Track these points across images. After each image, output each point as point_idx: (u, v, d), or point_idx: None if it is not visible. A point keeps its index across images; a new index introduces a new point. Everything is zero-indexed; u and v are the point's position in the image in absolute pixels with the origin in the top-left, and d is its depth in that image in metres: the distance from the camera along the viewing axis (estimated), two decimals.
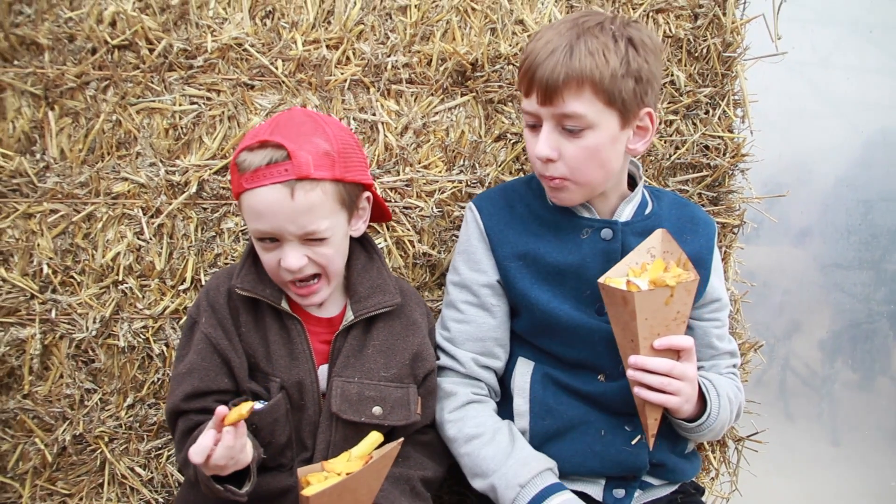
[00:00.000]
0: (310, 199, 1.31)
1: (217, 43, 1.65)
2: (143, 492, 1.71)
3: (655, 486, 1.55)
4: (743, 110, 1.89)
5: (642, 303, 1.30)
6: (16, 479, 1.69)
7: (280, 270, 1.37)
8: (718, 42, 1.83)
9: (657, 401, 1.36)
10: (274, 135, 1.31)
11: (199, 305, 1.45)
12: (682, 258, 1.39)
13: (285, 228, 1.32)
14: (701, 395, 1.45)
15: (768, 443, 1.98)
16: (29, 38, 1.61)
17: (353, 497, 1.24)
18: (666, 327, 1.34)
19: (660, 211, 1.57)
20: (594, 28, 1.35)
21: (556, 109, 1.36)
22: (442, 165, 1.76)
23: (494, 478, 1.42)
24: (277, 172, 1.29)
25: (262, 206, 1.31)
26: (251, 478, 1.30)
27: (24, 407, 1.67)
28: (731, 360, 1.64)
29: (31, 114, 1.63)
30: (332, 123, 1.41)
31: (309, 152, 1.31)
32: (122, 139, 1.66)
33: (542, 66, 1.35)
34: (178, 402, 1.39)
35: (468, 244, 1.56)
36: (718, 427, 1.49)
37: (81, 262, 1.66)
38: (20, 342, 1.65)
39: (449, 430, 1.51)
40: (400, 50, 1.72)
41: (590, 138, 1.38)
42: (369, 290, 1.49)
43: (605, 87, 1.34)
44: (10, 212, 1.64)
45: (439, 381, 1.56)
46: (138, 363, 1.69)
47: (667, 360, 1.35)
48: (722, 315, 1.62)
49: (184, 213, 1.68)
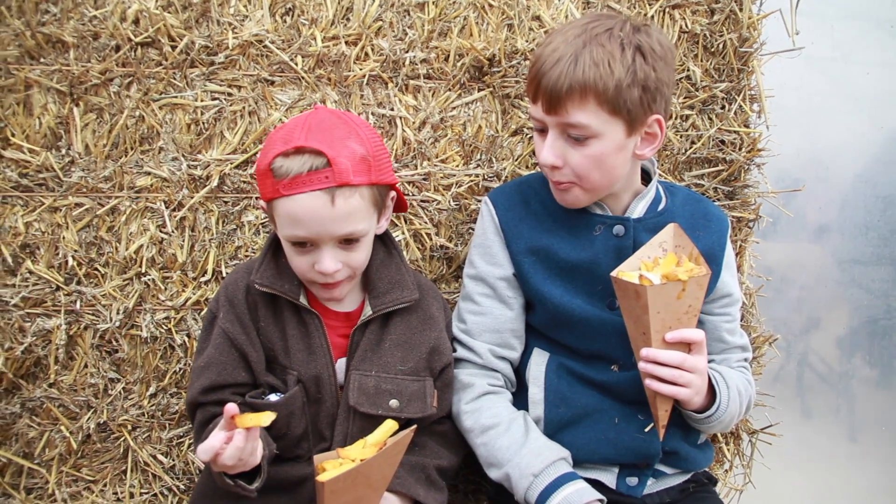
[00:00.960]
0: (350, 205, 1.32)
1: (238, 40, 1.68)
2: (164, 479, 1.75)
3: (668, 474, 1.57)
4: (759, 105, 1.90)
5: (655, 296, 1.31)
6: (42, 466, 1.74)
7: (311, 272, 1.38)
8: (735, 37, 1.84)
9: (668, 392, 1.38)
10: (310, 140, 1.31)
11: (218, 300, 1.47)
12: (694, 253, 1.40)
13: (324, 233, 1.33)
14: (711, 387, 1.47)
15: (782, 436, 1.99)
16: (55, 37, 1.65)
17: (366, 482, 1.26)
18: (678, 321, 1.36)
19: (673, 207, 1.58)
20: (602, 35, 1.35)
21: (561, 119, 1.37)
22: (459, 160, 1.78)
23: (509, 467, 1.44)
24: (318, 180, 1.29)
25: (302, 213, 1.31)
26: (262, 474, 1.33)
27: (49, 395, 1.72)
28: (743, 354, 1.65)
29: (56, 110, 1.67)
30: (362, 125, 1.42)
31: (347, 158, 1.31)
32: (146, 134, 1.70)
33: (547, 76, 1.35)
34: (197, 395, 1.42)
35: (484, 238, 1.58)
36: (727, 419, 1.50)
37: (105, 255, 1.70)
38: (46, 332, 1.69)
39: (465, 420, 1.54)
40: (418, 46, 1.74)
41: (595, 147, 1.39)
42: (388, 285, 1.50)
43: (609, 98, 1.33)
44: (36, 205, 1.68)
45: (456, 372, 1.58)
46: (160, 353, 1.73)
47: (678, 353, 1.37)
48: (732, 310, 1.63)
49: (205, 207, 1.71)
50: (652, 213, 1.54)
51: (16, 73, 1.65)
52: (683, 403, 1.44)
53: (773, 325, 2.12)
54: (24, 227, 1.67)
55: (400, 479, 1.45)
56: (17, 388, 1.72)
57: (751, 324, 1.97)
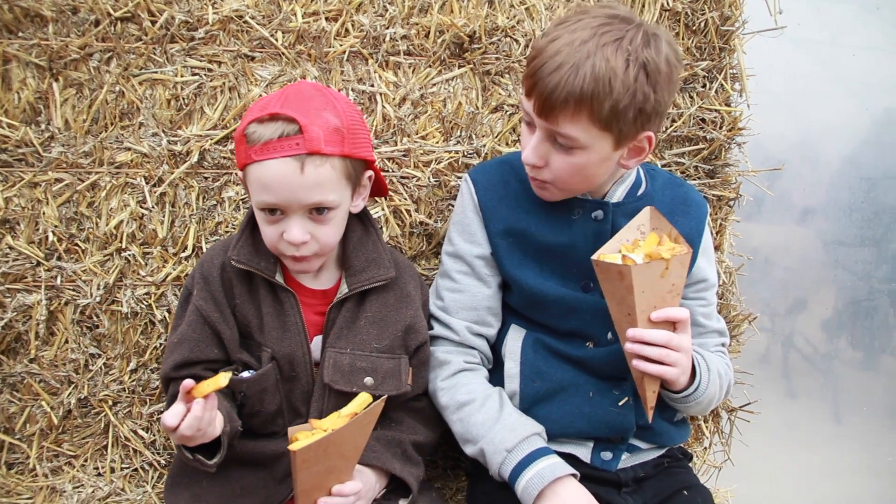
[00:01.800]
0: (319, 173, 1.32)
1: (218, 15, 1.67)
2: (145, 454, 1.76)
3: (643, 449, 1.58)
4: (741, 84, 1.90)
5: (639, 276, 1.31)
6: (23, 441, 1.75)
7: (280, 243, 1.39)
8: (716, 16, 1.84)
9: (656, 372, 1.37)
10: (285, 108, 1.31)
11: (194, 277, 1.48)
12: (673, 233, 1.40)
13: (293, 201, 1.33)
14: (693, 367, 1.47)
15: (760, 413, 2.00)
16: (33, 10, 1.64)
17: (339, 452, 1.28)
18: (662, 300, 1.36)
19: (653, 191, 1.58)
20: (609, 46, 1.28)
21: (550, 126, 1.34)
22: (439, 136, 1.78)
23: (483, 443, 1.45)
24: (289, 146, 1.30)
25: (271, 179, 1.31)
26: (222, 449, 1.33)
27: (30, 371, 1.72)
28: (720, 338, 1.66)
29: (35, 85, 1.67)
30: (341, 99, 1.42)
31: (320, 127, 1.31)
32: (125, 110, 1.69)
33: (545, 80, 1.30)
34: (169, 371, 1.44)
35: (463, 216, 1.59)
36: (706, 401, 1.51)
37: (86, 230, 1.70)
38: (27, 308, 1.70)
39: (441, 397, 1.54)
40: (398, 22, 1.74)
41: (579, 157, 1.37)
42: (364, 263, 1.51)
43: (603, 116, 1.30)
44: (15, 181, 1.68)
45: (432, 349, 1.58)
46: (141, 329, 1.73)
47: (665, 332, 1.37)
48: (708, 295, 1.63)
49: (185, 182, 1.71)
50: (631, 198, 1.54)
51: None
52: (670, 383, 1.44)
53: (758, 305, 2.14)
54: (3, 203, 1.67)
55: (376, 453, 1.46)
56: None
57: (730, 302, 1.98)
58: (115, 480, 1.73)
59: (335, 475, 1.32)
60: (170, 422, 1.20)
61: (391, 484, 1.50)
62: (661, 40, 1.33)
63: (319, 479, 1.30)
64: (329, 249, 1.43)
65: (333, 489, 1.33)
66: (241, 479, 1.46)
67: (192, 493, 1.45)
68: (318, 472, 1.28)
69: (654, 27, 1.36)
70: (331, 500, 1.32)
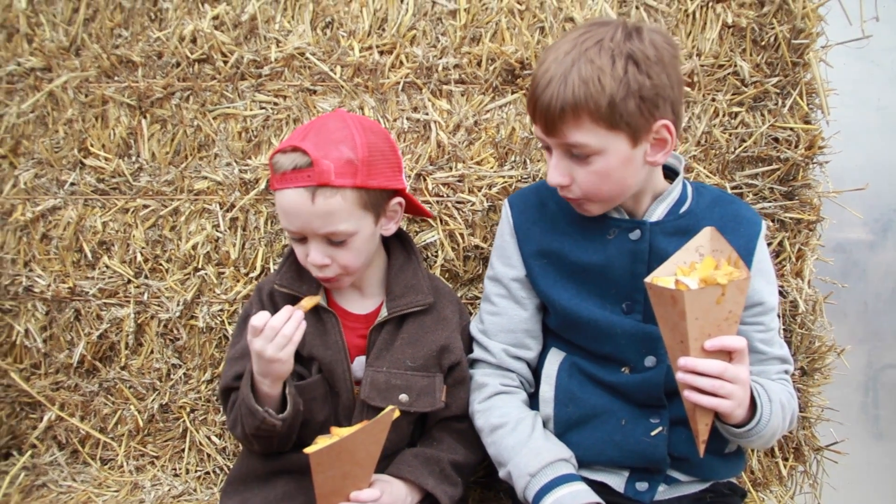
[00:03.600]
0: (329, 204, 1.41)
1: (282, 52, 1.81)
2: (217, 459, 1.91)
3: (683, 482, 1.51)
4: (820, 100, 1.79)
5: (692, 302, 1.24)
6: (114, 440, 1.95)
7: (307, 263, 1.49)
8: (786, 29, 1.75)
9: (709, 405, 1.29)
10: (304, 141, 1.41)
11: (252, 301, 1.61)
12: (733, 256, 1.32)
13: (307, 229, 1.43)
14: (752, 399, 1.38)
15: (848, 454, 1.86)
16: (126, 57, 1.86)
17: (351, 459, 1.34)
18: (717, 327, 1.28)
19: (698, 209, 1.51)
20: (591, 50, 1.30)
21: (560, 140, 1.35)
22: (493, 161, 1.82)
23: (511, 465, 1.46)
24: (300, 178, 1.39)
25: (288, 207, 1.42)
26: (289, 406, 1.45)
27: (121, 377, 1.93)
28: (782, 366, 1.55)
29: (127, 122, 1.88)
30: (366, 130, 1.48)
31: (332, 160, 1.40)
32: (202, 142, 1.87)
33: (541, 99, 1.33)
34: (230, 381, 1.55)
35: (501, 239, 1.61)
36: (769, 434, 1.41)
37: (168, 251, 1.88)
38: (119, 321, 1.90)
39: (478, 420, 1.57)
40: (450, 52, 1.80)
41: (599, 163, 1.36)
42: (403, 289, 1.58)
43: (603, 115, 1.30)
44: (111, 207, 1.89)
45: (472, 372, 1.62)
46: (216, 342, 1.89)
47: (719, 362, 1.29)
48: (765, 319, 1.53)
49: (255, 208, 1.85)
50: (672, 216, 1.49)
51: (94, 91, 1.88)
52: (725, 416, 1.35)
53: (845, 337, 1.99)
54: (101, 227, 1.89)
55: (411, 467, 1.52)
56: (95, 369, 1.94)
57: (813, 333, 1.85)
58: (189, 481, 1.89)
59: (351, 481, 1.38)
60: (255, 321, 1.36)
61: (425, 501, 1.53)
62: (643, 30, 1.33)
63: (336, 484, 1.37)
64: (354, 271, 1.51)
65: (351, 496, 1.39)
66: (285, 485, 1.55)
67: (241, 497, 1.56)
68: (333, 476, 1.35)
69: (636, 22, 1.37)
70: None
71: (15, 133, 1.93)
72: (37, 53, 1.91)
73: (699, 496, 1.52)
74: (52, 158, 1.91)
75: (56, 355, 1.94)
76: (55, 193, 1.91)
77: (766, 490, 1.90)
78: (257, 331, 1.38)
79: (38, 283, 1.92)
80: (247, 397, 1.42)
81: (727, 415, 1.34)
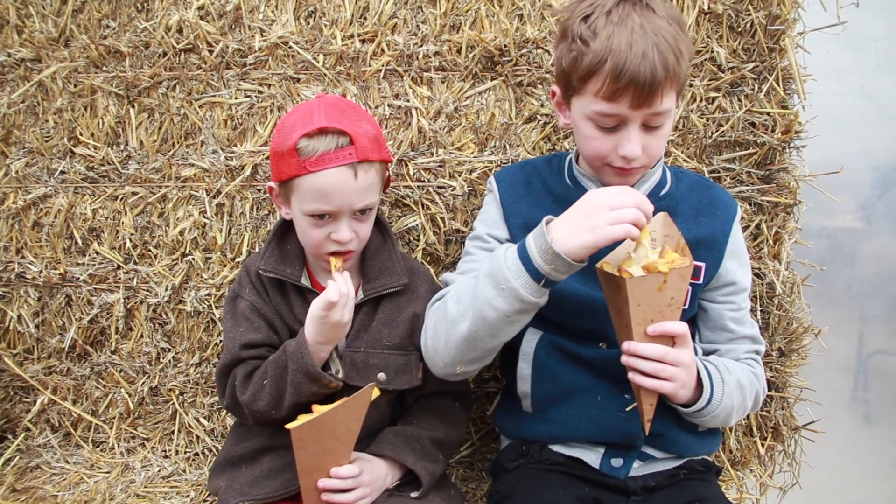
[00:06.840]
0: (368, 178, 1.50)
1: (266, 42, 1.85)
2: (206, 440, 1.95)
3: (657, 458, 1.54)
4: (797, 85, 1.82)
5: (635, 289, 1.30)
6: (106, 423, 1.99)
7: (326, 243, 1.52)
8: (762, 15, 1.78)
9: (651, 386, 1.36)
10: (330, 122, 1.47)
11: (241, 282, 1.64)
12: (681, 243, 1.37)
13: (346, 205, 1.48)
14: (699, 380, 1.43)
15: (824, 433, 1.89)
16: (113, 47, 1.90)
17: (332, 434, 1.38)
18: (660, 313, 1.34)
19: (677, 192, 1.56)
20: (655, 19, 1.36)
21: (651, 110, 1.37)
22: (474, 147, 1.85)
23: (472, 297, 1.38)
24: (343, 156, 1.46)
25: (329, 187, 1.46)
26: (340, 367, 1.54)
27: (112, 361, 1.97)
28: (752, 345, 1.59)
29: (115, 111, 1.92)
30: (363, 109, 1.60)
31: (364, 137, 1.48)
32: (189, 130, 1.91)
33: (640, 73, 1.32)
34: (238, 352, 1.55)
35: (486, 212, 1.63)
36: (723, 413, 1.46)
37: (156, 238, 1.92)
38: (109, 306, 1.94)
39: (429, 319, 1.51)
40: (430, 40, 1.83)
41: (667, 126, 1.43)
42: (378, 271, 1.63)
43: (681, 78, 1.39)
44: (100, 194, 1.93)
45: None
46: (203, 326, 1.93)
47: (660, 346, 1.35)
48: (737, 299, 1.58)
49: (241, 194, 1.89)
50: (653, 198, 1.51)
51: (83, 81, 1.92)
52: (669, 397, 1.41)
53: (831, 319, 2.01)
54: (91, 214, 1.93)
55: (392, 445, 1.56)
56: (87, 354, 1.98)
57: (791, 314, 1.88)
58: (179, 462, 1.93)
59: (332, 457, 1.42)
60: (332, 295, 1.41)
61: (406, 477, 1.57)
62: None
63: (317, 460, 1.41)
64: (365, 240, 1.58)
65: (331, 471, 1.42)
66: (270, 462, 1.59)
67: (228, 476, 1.60)
68: (314, 452, 1.39)
69: None
70: (329, 481, 1.42)
71: (6, 123, 1.97)
72: (26, 44, 1.95)
73: (674, 472, 1.55)
74: (42, 147, 1.95)
75: (48, 340, 1.99)
76: (46, 182, 1.96)
77: (744, 469, 1.93)
78: (332, 304, 1.42)
79: (30, 270, 1.96)
80: (310, 365, 1.46)
81: (671, 395, 1.40)
